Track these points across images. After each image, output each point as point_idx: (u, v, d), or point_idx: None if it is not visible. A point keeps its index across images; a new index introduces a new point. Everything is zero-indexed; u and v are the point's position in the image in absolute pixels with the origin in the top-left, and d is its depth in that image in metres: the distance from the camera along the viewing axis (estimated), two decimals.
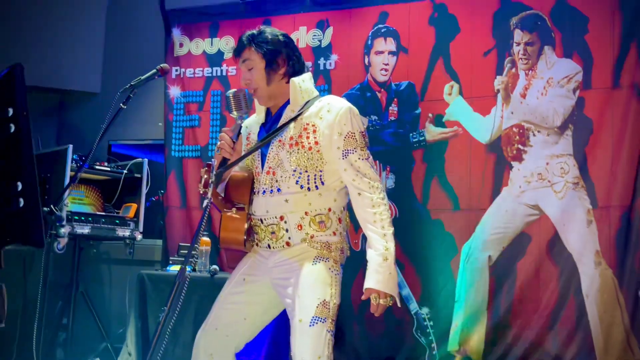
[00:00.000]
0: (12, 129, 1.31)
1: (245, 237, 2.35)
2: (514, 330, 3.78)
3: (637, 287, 3.50)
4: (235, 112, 2.34)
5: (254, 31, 2.40)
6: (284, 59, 2.37)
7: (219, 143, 2.30)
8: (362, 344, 4.08)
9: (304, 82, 2.38)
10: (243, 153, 2.43)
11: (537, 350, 3.71)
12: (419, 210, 4.07)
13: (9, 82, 1.34)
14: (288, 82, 2.38)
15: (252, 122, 2.54)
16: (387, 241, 2.22)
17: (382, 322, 4.04)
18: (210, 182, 2.23)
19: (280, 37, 2.40)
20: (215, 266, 3.77)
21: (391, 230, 2.25)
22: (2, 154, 1.33)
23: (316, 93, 2.40)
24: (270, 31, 2.40)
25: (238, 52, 2.41)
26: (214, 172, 2.27)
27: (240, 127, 2.35)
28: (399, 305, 2.29)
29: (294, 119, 2.32)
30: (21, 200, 1.30)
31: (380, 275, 2.20)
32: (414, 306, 4.00)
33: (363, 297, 2.26)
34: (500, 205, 3.89)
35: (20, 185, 1.30)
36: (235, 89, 2.36)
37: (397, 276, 2.24)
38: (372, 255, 2.23)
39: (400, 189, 4.11)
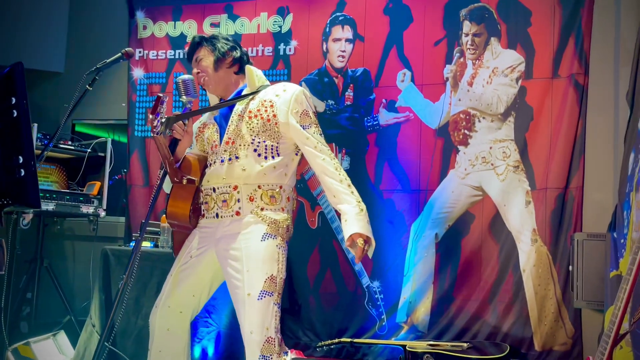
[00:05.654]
0: (15, 114, 1.56)
1: (190, 213, 2.49)
2: (458, 302, 4.06)
3: (568, 263, 3.79)
4: (184, 97, 2.54)
5: (204, 35, 2.70)
6: (232, 52, 2.62)
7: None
8: (318, 316, 4.31)
9: (257, 70, 2.62)
10: (198, 139, 2.62)
11: (478, 321, 4.00)
12: (372, 190, 4.30)
13: (12, 77, 1.58)
14: (237, 72, 2.63)
15: (207, 116, 2.72)
16: (357, 197, 2.42)
17: (336, 295, 4.28)
18: (158, 110, 2.31)
19: (230, 39, 2.68)
20: None
21: (355, 189, 2.44)
22: (7, 134, 1.58)
23: (268, 82, 2.63)
24: (221, 36, 2.69)
25: (192, 52, 2.65)
26: (165, 117, 2.34)
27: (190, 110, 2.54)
28: (369, 256, 2.43)
29: (252, 97, 2.53)
30: (22, 170, 1.55)
31: (362, 222, 2.37)
32: (365, 280, 4.24)
33: (347, 244, 2.39)
34: (447, 186, 4.14)
35: (21, 159, 1.55)
36: (185, 75, 2.58)
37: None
38: (348, 208, 2.39)
39: (355, 170, 4.32)
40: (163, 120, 2.34)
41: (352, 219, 2.37)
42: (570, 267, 3.71)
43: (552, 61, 3.99)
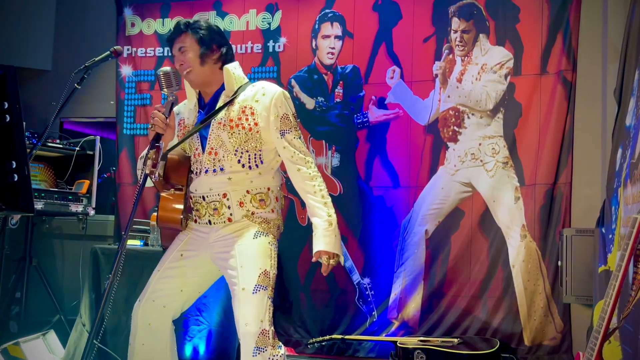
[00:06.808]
0: (8, 119, 1.54)
1: (182, 217, 2.50)
2: (448, 298, 4.08)
3: (557, 258, 3.82)
4: (166, 90, 2.48)
5: (189, 20, 2.57)
6: (218, 45, 2.53)
7: (152, 120, 2.43)
8: (309, 313, 4.32)
9: (236, 69, 2.55)
10: (180, 136, 2.57)
11: (469, 316, 4.02)
12: (362, 187, 4.30)
13: (4, 81, 1.56)
14: (221, 68, 2.54)
15: (183, 109, 2.67)
16: (328, 208, 2.44)
17: (327, 292, 4.29)
18: (157, 163, 2.36)
19: (214, 27, 2.57)
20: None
21: (329, 199, 2.47)
22: (0, 139, 1.55)
23: (247, 80, 2.58)
24: (204, 20, 2.58)
25: (174, 37, 2.53)
26: (161, 152, 2.41)
27: (172, 104, 2.49)
28: (342, 264, 2.50)
29: (231, 102, 2.48)
30: (15, 175, 1.52)
31: (328, 238, 2.41)
32: (356, 277, 4.25)
33: (313, 260, 2.45)
34: (437, 182, 4.16)
35: (14, 164, 1.53)
36: (166, 67, 2.49)
37: (340, 238, 2.46)
38: (318, 222, 2.43)
39: (345, 167, 4.34)
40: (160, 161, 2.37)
41: (320, 234, 2.42)
42: (559, 263, 3.75)
43: (541, 58, 4.01)
